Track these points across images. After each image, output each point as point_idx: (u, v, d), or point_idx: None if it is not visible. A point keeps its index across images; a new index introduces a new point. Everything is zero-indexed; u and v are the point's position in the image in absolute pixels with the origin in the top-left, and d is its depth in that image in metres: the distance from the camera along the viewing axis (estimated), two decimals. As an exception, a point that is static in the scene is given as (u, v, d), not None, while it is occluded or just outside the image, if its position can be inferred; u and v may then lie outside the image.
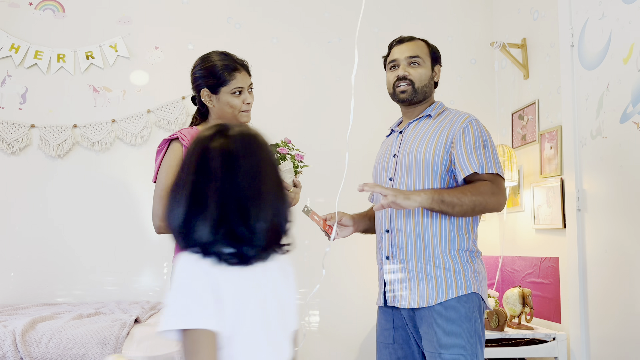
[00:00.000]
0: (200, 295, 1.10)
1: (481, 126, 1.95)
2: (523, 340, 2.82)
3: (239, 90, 2.01)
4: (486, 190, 1.84)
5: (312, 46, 3.63)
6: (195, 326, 1.08)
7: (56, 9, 3.48)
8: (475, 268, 1.89)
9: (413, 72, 2.02)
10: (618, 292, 2.43)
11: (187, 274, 1.12)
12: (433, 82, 2.08)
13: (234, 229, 1.12)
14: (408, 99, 2.04)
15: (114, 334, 2.44)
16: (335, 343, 3.48)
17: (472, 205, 1.82)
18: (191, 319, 1.08)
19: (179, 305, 1.10)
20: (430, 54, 2.07)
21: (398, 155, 2.01)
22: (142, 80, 3.50)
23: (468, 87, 3.67)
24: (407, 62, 2.03)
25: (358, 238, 3.53)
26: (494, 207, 1.86)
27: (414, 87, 2.02)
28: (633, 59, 2.35)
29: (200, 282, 1.11)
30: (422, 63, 2.03)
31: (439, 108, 2.05)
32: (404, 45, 2.06)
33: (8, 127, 3.35)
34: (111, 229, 3.38)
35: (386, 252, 1.98)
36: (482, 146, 1.89)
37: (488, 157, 1.89)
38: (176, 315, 1.09)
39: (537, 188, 3.06)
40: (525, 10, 3.32)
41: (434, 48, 2.10)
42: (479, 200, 1.82)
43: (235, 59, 2.04)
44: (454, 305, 1.82)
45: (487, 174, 1.87)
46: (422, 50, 2.05)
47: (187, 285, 1.11)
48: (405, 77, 2.02)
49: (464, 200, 1.81)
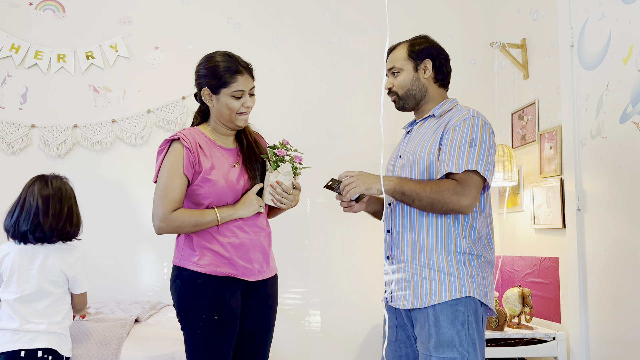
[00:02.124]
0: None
1: (477, 123, 1.86)
2: (523, 340, 2.83)
3: (240, 94, 2.01)
4: (448, 189, 1.78)
5: (312, 46, 3.63)
6: None
7: (56, 9, 3.49)
8: (473, 271, 1.85)
9: (395, 81, 2.03)
10: (618, 292, 2.43)
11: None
12: (423, 80, 2.01)
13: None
14: (399, 107, 2.06)
15: (114, 334, 2.44)
16: (335, 343, 3.48)
17: (430, 201, 1.80)
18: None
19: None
20: (410, 54, 2.01)
21: (402, 156, 2.01)
22: (143, 81, 3.51)
23: (468, 87, 3.67)
24: (390, 74, 2.05)
25: (358, 238, 3.55)
26: (454, 208, 1.79)
27: (399, 95, 2.03)
28: (633, 59, 2.35)
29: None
30: (401, 70, 2.01)
31: (447, 106, 1.99)
32: (389, 56, 2.07)
33: (8, 127, 3.35)
34: (111, 229, 3.39)
35: (387, 252, 1.98)
36: (468, 144, 1.82)
37: (472, 155, 1.80)
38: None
39: (536, 188, 3.07)
40: (525, 11, 3.32)
41: (415, 47, 2.02)
42: (437, 198, 1.78)
43: (239, 61, 2.03)
44: (446, 308, 1.81)
45: (460, 173, 1.80)
46: (399, 57, 2.02)
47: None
48: (390, 90, 2.04)
49: (422, 195, 1.80)
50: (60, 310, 2.19)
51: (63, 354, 2.17)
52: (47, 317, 2.15)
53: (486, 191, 1.91)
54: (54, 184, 2.22)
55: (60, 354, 2.15)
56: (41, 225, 2.15)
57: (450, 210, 1.80)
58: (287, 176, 2.05)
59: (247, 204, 2.02)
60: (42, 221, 2.15)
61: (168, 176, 1.97)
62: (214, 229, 2.00)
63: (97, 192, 3.40)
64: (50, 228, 2.16)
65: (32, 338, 2.11)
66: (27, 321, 2.12)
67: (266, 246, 2.10)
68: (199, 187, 1.99)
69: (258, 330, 2.09)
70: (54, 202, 2.19)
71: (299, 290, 3.50)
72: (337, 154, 3.54)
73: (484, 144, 1.84)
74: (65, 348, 2.18)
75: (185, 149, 1.98)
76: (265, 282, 2.09)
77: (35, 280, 2.15)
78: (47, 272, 2.16)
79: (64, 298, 2.22)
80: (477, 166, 1.81)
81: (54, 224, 2.17)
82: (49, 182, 2.22)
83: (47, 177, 2.24)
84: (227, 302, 1.98)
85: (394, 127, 2.84)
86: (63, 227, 2.19)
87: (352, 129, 3.60)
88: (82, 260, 2.26)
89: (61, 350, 2.16)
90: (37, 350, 2.10)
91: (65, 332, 2.19)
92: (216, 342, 1.96)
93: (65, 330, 2.20)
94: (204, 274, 1.97)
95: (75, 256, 2.24)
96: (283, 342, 3.42)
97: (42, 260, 2.16)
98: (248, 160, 2.09)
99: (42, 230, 2.15)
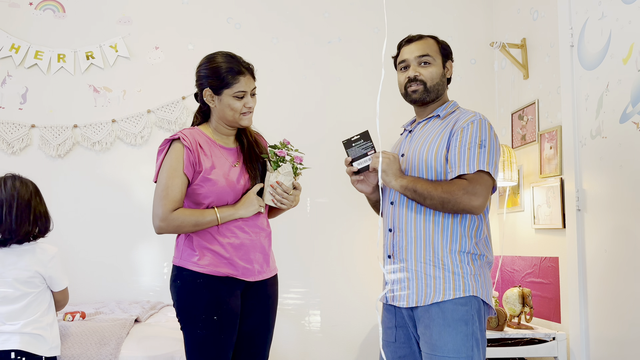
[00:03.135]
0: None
1: (484, 125, 1.87)
2: (523, 340, 2.83)
3: (242, 94, 2.01)
4: (459, 188, 1.79)
5: (312, 46, 3.63)
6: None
7: (56, 9, 3.49)
8: (475, 271, 1.86)
9: (424, 71, 1.98)
10: (618, 292, 2.43)
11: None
12: (445, 79, 2.03)
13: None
14: (420, 98, 2.00)
15: (114, 334, 2.44)
16: (335, 343, 3.48)
17: (441, 200, 1.80)
18: None
19: None
20: (441, 50, 2.02)
21: (406, 155, 2.01)
22: (143, 81, 3.51)
23: (468, 87, 3.67)
24: (418, 62, 1.99)
25: (358, 238, 3.55)
26: (466, 207, 1.80)
27: (426, 86, 1.98)
28: (633, 59, 2.35)
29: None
30: (433, 61, 1.99)
31: (450, 108, 2.01)
32: (413, 44, 2.01)
33: (8, 127, 3.35)
34: (111, 229, 3.39)
35: (388, 251, 1.98)
36: (478, 145, 1.83)
37: (482, 156, 1.82)
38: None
39: (536, 188, 3.07)
40: (525, 11, 3.32)
41: (444, 44, 2.05)
42: (448, 198, 1.79)
43: (241, 61, 2.03)
44: (451, 307, 1.81)
45: (471, 174, 1.81)
46: (432, 48, 2.01)
47: None
48: (416, 78, 1.98)
49: (434, 194, 1.81)
50: (37, 310, 2.17)
51: (41, 354, 2.14)
52: (23, 318, 2.13)
53: (492, 193, 1.92)
54: (7, 186, 2.17)
55: (36, 354, 2.12)
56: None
57: (461, 210, 1.81)
58: (287, 176, 2.04)
59: (247, 203, 2.02)
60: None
61: (168, 176, 1.97)
62: (214, 229, 2.00)
63: (97, 192, 3.40)
64: (9, 232, 2.14)
65: (5, 340, 2.09)
66: (2, 322, 2.10)
67: (266, 246, 2.10)
68: (199, 186, 1.99)
69: (258, 330, 2.09)
70: (6, 207, 2.15)
71: (299, 290, 3.50)
72: (336, 154, 3.54)
73: (492, 145, 1.87)
74: (43, 348, 2.15)
75: (186, 148, 1.98)
76: (265, 282, 2.09)
77: (9, 282, 2.12)
78: (21, 274, 2.14)
79: (41, 297, 2.19)
80: (488, 167, 1.83)
81: (11, 228, 2.14)
82: (0, 186, 2.18)
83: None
84: (227, 302, 1.98)
85: (395, 127, 2.84)
86: (19, 229, 2.15)
87: (352, 128, 3.59)
88: (58, 257, 2.23)
89: (37, 351, 2.13)
90: (10, 352, 2.08)
91: (43, 332, 2.15)
92: (216, 342, 1.96)
93: (43, 330, 2.16)
94: (204, 274, 1.97)
95: (49, 254, 2.21)
96: (283, 342, 3.42)
97: (14, 262, 2.14)
98: (248, 159, 2.09)
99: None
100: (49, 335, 2.18)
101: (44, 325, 2.17)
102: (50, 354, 2.18)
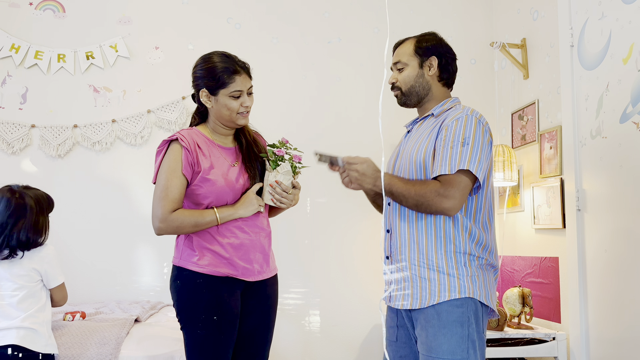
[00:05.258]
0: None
1: (470, 121, 1.82)
2: (523, 340, 2.82)
3: (238, 94, 2.01)
4: (431, 191, 1.77)
5: (312, 46, 3.63)
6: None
7: (56, 9, 3.49)
8: (472, 272, 1.83)
9: (399, 77, 2.00)
10: (618, 292, 2.43)
11: None
12: (427, 77, 1.99)
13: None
14: (401, 103, 2.04)
15: (114, 334, 2.44)
16: (335, 343, 3.48)
17: (414, 202, 1.80)
18: None
19: None
20: (416, 50, 1.99)
21: (400, 155, 2.01)
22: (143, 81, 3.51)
23: (468, 87, 3.67)
24: (396, 68, 2.03)
25: (358, 238, 3.55)
26: (438, 209, 1.78)
27: (402, 91, 2.00)
28: (633, 59, 2.35)
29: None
30: (406, 66, 1.99)
31: (447, 105, 1.97)
32: (395, 51, 2.06)
33: (8, 127, 3.35)
34: (111, 229, 3.39)
35: (386, 252, 1.97)
36: (460, 143, 1.79)
37: (464, 154, 1.77)
38: None
39: (536, 188, 3.07)
40: (525, 11, 3.32)
41: (422, 43, 2.00)
42: (421, 200, 1.79)
43: (236, 61, 2.03)
44: (446, 309, 1.79)
45: (449, 174, 1.78)
46: (406, 51, 2.00)
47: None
48: (394, 85, 2.02)
49: (407, 196, 1.80)
50: (33, 305, 2.19)
51: (37, 350, 2.15)
52: (19, 313, 2.15)
53: (479, 190, 1.85)
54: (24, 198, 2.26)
55: (32, 350, 2.14)
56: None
57: (434, 212, 1.80)
58: (286, 175, 2.04)
59: (246, 203, 2.02)
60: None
61: (167, 177, 1.97)
62: (213, 229, 2.00)
63: (97, 192, 3.40)
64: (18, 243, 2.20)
65: (1, 336, 2.11)
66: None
67: (266, 246, 2.10)
68: (198, 187, 1.99)
69: (258, 330, 2.08)
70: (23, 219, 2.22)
71: (299, 290, 3.49)
72: (336, 154, 3.53)
73: (477, 142, 1.81)
74: (39, 343, 2.16)
75: (184, 149, 1.98)
76: (265, 282, 2.09)
77: (7, 276, 2.17)
78: (17, 270, 2.19)
79: (38, 293, 2.22)
80: (470, 165, 1.78)
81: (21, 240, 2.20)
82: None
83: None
84: (227, 302, 1.98)
85: (394, 127, 2.83)
86: (7, 244, 2.19)
87: (352, 128, 3.60)
88: (53, 253, 2.27)
89: (34, 346, 2.15)
90: (7, 347, 2.10)
91: (39, 328, 2.18)
92: (216, 342, 1.96)
93: (40, 325, 2.19)
94: (204, 274, 1.97)
95: (44, 251, 2.26)
96: (283, 342, 3.42)
97: (8, 264, 2.20)
98: (247, 159, 2.09)
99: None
100: (45, 331, 2.20)
101: (40, 321, 2.20)
102: (47, 351, 2.19)
